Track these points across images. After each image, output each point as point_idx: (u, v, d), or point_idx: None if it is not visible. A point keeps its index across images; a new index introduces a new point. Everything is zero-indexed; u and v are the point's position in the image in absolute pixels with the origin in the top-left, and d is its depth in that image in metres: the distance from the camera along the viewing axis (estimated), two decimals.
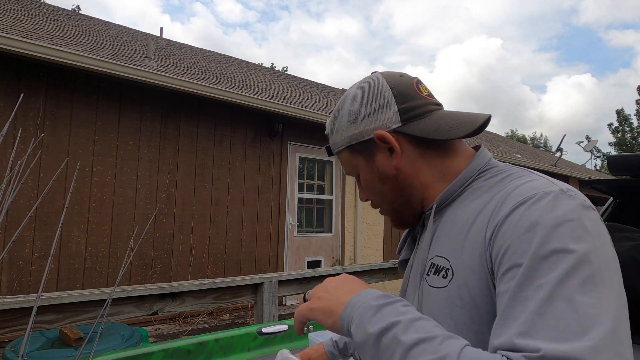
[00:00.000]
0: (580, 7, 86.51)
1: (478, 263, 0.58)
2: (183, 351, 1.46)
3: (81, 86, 4.46)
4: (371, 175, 0.75)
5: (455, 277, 0.61)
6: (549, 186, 0.57)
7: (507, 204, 0.57)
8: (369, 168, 0.74)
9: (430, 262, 0.68)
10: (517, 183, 0.61)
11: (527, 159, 11.38)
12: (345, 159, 0.78)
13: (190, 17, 75.31)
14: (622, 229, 1.75)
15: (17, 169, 0.86)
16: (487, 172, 0.69)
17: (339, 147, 0.77)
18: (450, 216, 0.68)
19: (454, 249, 0.63)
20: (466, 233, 0.62)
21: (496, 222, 0.57)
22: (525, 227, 0.52)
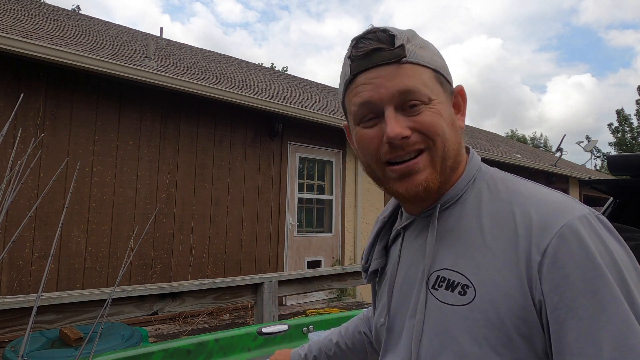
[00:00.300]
0: (580, 7, 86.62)
1: (515, 287, 0.54)
2: (183, 351, 1.46)
3: (81, 86, 4.46)
4: (447, 113, 0.63)
5: (480, 296, 0.56)
6: (571, 204, 0.57)
7: (544, 228, 0.54)
8: (447, 106, 0.65)
9: (436, 275, 0.62)
10: (531, 195, 0.60)
11: (527, 159, 11.38)
12: (424, 77, 0.62)
13: (190, 17, 75.37)
14: (622, 229, 1.75)
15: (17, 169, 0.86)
16: (481, 176, 0.67)
17: (424, 62, 0.62)
18: (453, 222, 0.63)
19: (473, 265, 0.58)
20: (484, 248, 0.58)
21: (543, 248, 0.53)
22: (588, 268, 0.51)
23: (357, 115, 0.64)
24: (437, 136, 0.61)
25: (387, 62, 0.61)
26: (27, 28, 4.83)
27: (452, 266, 0.61)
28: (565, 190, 12.46)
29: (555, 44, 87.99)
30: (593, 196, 13.74)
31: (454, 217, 0.64)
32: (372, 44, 0.62)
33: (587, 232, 0.53)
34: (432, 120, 0.61)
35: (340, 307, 5.89)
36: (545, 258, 0.53)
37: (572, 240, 0.52)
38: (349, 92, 0.65)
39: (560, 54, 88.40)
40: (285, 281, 2.95)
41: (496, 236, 0.58)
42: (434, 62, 0.64)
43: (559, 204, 0.57)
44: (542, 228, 0.54)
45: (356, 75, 0.63)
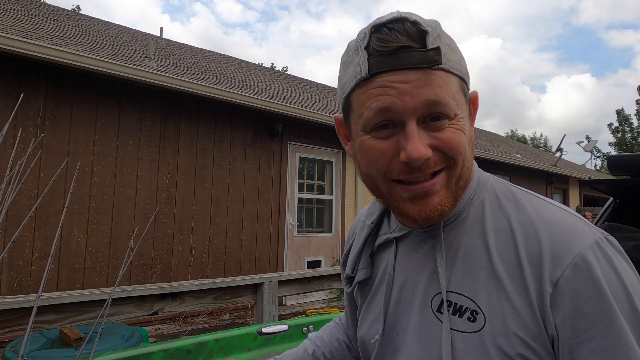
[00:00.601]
0: (580, 7, 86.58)
1: (527, 315, 0.52)
2: (183, 351, 1.46)
3: (81, 86, 4.46)
4: (467, 129, 0.57)
5: (490, 323, 0.53)
6: (584, 228, 0.54)
7: (556, 257, 0.52)
8: (467, 120, 0.58)
9: (441, 298, 0.58)
10: (541, 216, 0.56)
11: (527, 159, 11.37)
12: (453, 87, 0.55)
13: (190, 17, 75.39)
14: (622, 229, 1.75)
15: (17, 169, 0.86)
16: (481, 188, 0.62)
17: (454, 70, 0.55)
18: (455, 241, 0.60)
19: (480, 288, 0.55)
20: (490, 271, 0.55)
21: (555, 279, 0.51)
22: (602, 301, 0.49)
23: (369, 122, 0.55)
24: (459, 156, 0.55)
25: (417, 66, 0.52)
26: (27, 28, 4.83)
27: (458, 289, 0.57)
28: (565, 191, 12.46)
29: (555, 44, 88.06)
30: (593, 196, 13.74)
31: (455, 234, 0.60)
32: (401, 40, 0.52)
33: (600, 262, 0.51)
34: (455, 140, 0.54)
35: (340, 307, 5.89)
36: (558, 289, 0.51)
37: (585, 271, 0.50)
38: (361, 91, 0.56)
39: (561, 54, 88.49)
40: (285, 281, 2.95)
41: (503, 259, 0.55)
42: (461, 68, 0.57)
43: (570, 229, 0.54)
44: (554, 257, 0.52)
45: (376, 74, 0.54)
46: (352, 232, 0.82)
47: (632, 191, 2.24)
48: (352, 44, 0.58)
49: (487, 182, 0.63)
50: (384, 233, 0.70)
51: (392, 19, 0.54)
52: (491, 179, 0.64)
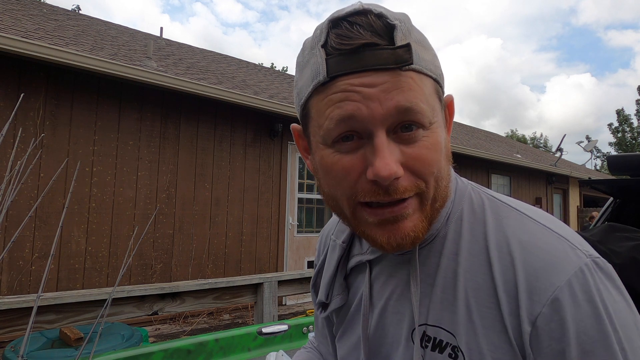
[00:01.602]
0: (579, 7, 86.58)
1: (507, 353, 0.46)
2: (183, 351, 1.46)
3: (81, 86, 4.46)
4: (442, 138, 0.49)
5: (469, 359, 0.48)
6: (567, 253, 0.47)
7: (532, 294, 0.45)
8: (442, 128, 0.50)
9: (420, 330, 0.52)
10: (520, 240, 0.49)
11: (527, 159, 11.37)
12: (427, 90, 0.47)
13: (189, 17, 75.37)
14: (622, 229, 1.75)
15: (17, 169, 0.86)
16: (461, 201, 0.55)
17: (427, 70, 0.47)
18: (430, 264, 0.53)
19: (461, 322, 0.49)
20: (468, 301, 0.49)
21: (534, 317, 0.45)
22: (583, 341, 0.44)
23: (330, 133, 0.47)
24: (431, 176, 0.47)
25: (385, 67, 0.44)
26: (27, 28, 4.83)
27: (437, 322, 0.51)
28: (565, 191, 12.46)
29: (555, 44, 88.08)
30: (593, 196, 13.75)
31: (433, 257, 0.53)
32: (364, 36, 0.44)
33: (584, 296, 0.44)
34: (428, 156, 0.47)
35: None
36: (537, 329, 0.44)
37: (566, 308, 0.44)
38: (320, 98, 0.47)
39: (560, 54, 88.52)
40: (285, 281, 2.95)
41: (479, 288, 0.48)
42: (435, 69, 0.49)
43: (549, 256, 0.47)
44: (530, 292, 0.45)
45: (336, 77, 0.45)
46: (320, 247, 0.74)
47: (632, 191, 2.24)
48: (308, 42, 0.49)
49: (465, 193, 0.56)
50: (357, 254, 0.62)
51: (353, 11, 0.45)
52: (469, 188, 0.57)
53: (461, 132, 12.31)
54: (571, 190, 12.62)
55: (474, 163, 9.16)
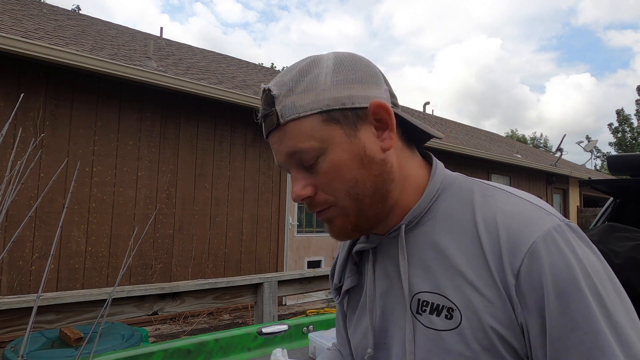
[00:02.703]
0: (579, 7, 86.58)
1: (500, 307, 0.52)
2: (183, 351, 1.46)
3: (81, 86, 4.46)
4: (349, 154, 0.57)
5: (467, 318, 0.54)
6: (541, 216, 0.55)
7: (512, 251, 0.52)
8: (349, 145, 0.57)
9: (417, 298, 0.59)
10: (500, 208, 0.57)
11: (527, 159, 11.37)
12: (307, 130, 0.57)
13: (189, 17, 75.40)
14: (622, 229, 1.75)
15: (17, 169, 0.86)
16: (449, 186, 0.63)
17: (305, 112, 0.57)
18: (423, 241, 0.60)
19: (454, 285, 0.56)
20: (461, 267, 0.56)
21: (516, 270, 0.52)
22: (560, 287, 0.50)
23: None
24: (337, 191, 0.58)
25: (273, 128, 0.59)
26: (27, 28, 4.83)
27: (433, 288, 0.58)
28: (565, 191, 12.47)
29: (555, 44, 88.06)
30: (593, 196, 13.75)
31: (425, 234, 0.61)
32: (265, 109, 0.61)
33: (557, 247, 0.51)
34: (328, 178, 0.58)
35: None
36: (520, 279, 0.51)
37: (543, 258, 0.51)
38: None
39: (560, 54, 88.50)
40: (285, 281, 2.95)
41: (469, 254, 0.56)
42: (318, 103, 0.56)
43: (526, 219, 0.54)
44: (511, 247, 0.53)
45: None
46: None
47: (632, 191, 2.24)
48: None
49: (454, 181, 0.63)
50: (361, 242, 0.70)
51: (262, 90, 0.62)
52: (459, 178, 0.64)
53: (461, 132, 12.31)
54: (571, 190, 12.62)
55: (474, 163, 9.16)
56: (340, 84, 0.57)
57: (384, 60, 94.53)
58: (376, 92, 0.59)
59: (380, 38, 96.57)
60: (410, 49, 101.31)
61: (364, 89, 0.58)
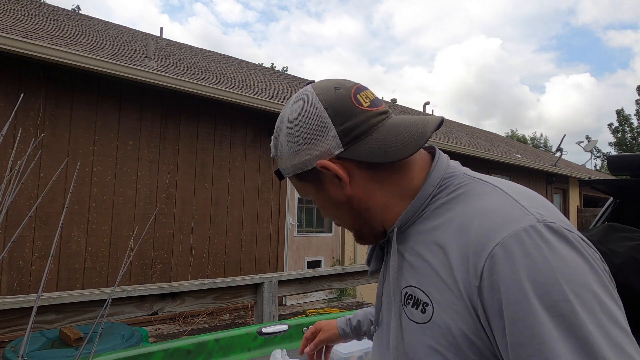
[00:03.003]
0: (578, 7, 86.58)
1: (465, 309, 0.54)
2: (183, 351, 1.46)
3: (81, 86, 4.46)
4: (324, 201, 0.70)
5: (437, 314, 0.57)
6: (517, 215, 0.54)
7: (481, 248, 0.52)
8: (320, 194, 0.70)
9: (404, 292, 0.63)
10: (480, 208, 0.57)
11: (527, 159, 11.37)
12: (296, 185, 0.73)
13: (189, 17, 75.40)
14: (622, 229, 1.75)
15: (17, 169, 0.86)
16: (447, 185, 0.65)
17: (287, 174, 0.72)
18: (416, 240, 0.64)
19: (431, 283, 0.59)
20: (440, 266, 0.58)
21: (480, 271, 0.52)
22: (514, 293, 0.49)
23: None
24: (332, 218, 0.74)
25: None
26: (27, 28, 4.83)
27: (417, 283, 0.61)
28: (565, 191, 12.47)
29: (555, 44, 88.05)
30: (593, 196, 13.75)
31: (417, 232, 0.64)
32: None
33: (522, 250, 0.50)
34: (323, 214, 0.75)
35: (340, 307, 5.89)
36: (483, 281, 0.51)
37: (503, 261, 0.50)
38: None
39: (560, 54, 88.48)
40: (285, 281, 2.95)
41: (446, 253, 0.58)
42: (287, 170, 0.71)
43: (499, 218, 0.54)
44: (477, 249, 0.53)
45: None
46: None
47: (632, 191, 2.24)
48: None
49: (454, 180, 0.65)
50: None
51: None
52: (459, 176, 0.66)
53: (461, 132, 12.31)
54: (571, 190, 12.62)
55: (474, 163, 9.16)
56: (292, 152, 0.68)
57: (384, 60, 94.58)
58: (322, 146, 0.64)
59: (380, 38, 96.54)
60: (410, 49, 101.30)
61: (311, 149, 0.65)
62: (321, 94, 0.65)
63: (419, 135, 0.63)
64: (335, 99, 0.64)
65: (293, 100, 0.69)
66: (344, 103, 0.64)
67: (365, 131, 0.64)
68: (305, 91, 0.68)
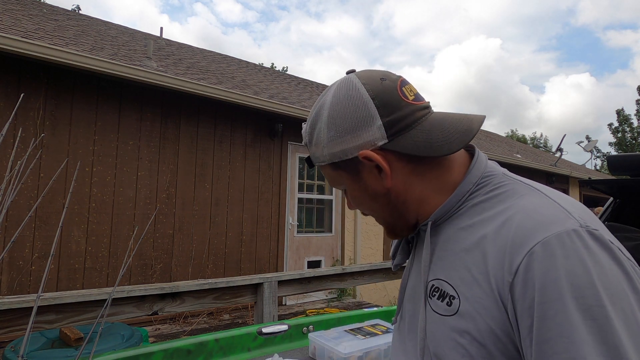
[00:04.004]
0: (578, 7, 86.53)
1: (494, 304, 0.54)
2: (183, 351, 1.46)
3: (81, 86, 4.46)
4: (359, 192, 0.69)
5: (463, 308, 0.57)
6: (561, 218, 0.53)
7: (520, 245, 0.53)
8: (357, 185, 0.68)
9: (431, 284, 0.64)
10: (523, 206, 0.57)
11: (527, 159, 11.38)
12: (328, 174, 0.71)
13: (189, 17, 75.38)
14: (622, 229, 1.75)
15: (17, 169, 0.86)
16: (485, 184, 0.65)
17: (321, 162, 0.69)
18: (449, 235, 0.64)
19: (460, 277, 0.59)
20: (473, 261, 0.58)
21: (515, 268, 0.52)
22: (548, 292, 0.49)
23: None
24: (365, 210, 0.73)
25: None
26: (27, 28, 4.83)
27: (445, 277, 0.62)
28: (565, 191, 12.46)
29: (555, 45, 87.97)
30: (593, 196, 13.75)
31: (450, 228, 0.65)
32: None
33: (563, 251, 0.50)
34: (356, 206, 0.73)
35: (340, 307, 5.89)
36: (517, 278, 0.52)
37: (542, 259, 0.50)
38: None
39: (560, 54, 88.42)
40: (285, 281, 2.95)
41: (484, 252, 0.58)
42: (324, 157, 0.68)
43: (543, 218, 0.54)
44: (515, 245, 0.53)
45: None
46: None
47: (632, 191, 2.24)
48: None
49: (493, 178, 0.66)
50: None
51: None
52: (499, 176, 0.67)
53: None
54: (571, 190, 12.62)
55: None
56: (333, 140, 0.66)
57: (384, 60, 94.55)
58: (366, 137, 0.64)
59: (380, 38, 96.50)
60: (410, 49, 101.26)
61: (354, 139, 0.65)
62: (367, 83, 0.65)
63: (465, 131, 0.64)
64: (382, 90, 0.64)
65: (335, 88, 0.67)
66: (391, 95, 0.64)
67: (410, 124, 0.64)
68: (350, 80, 0.67)
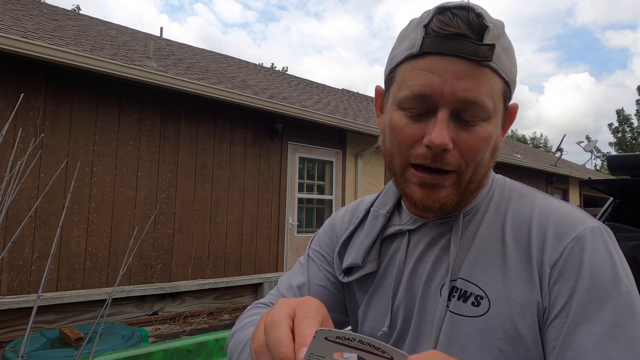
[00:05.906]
0: (577, 8, 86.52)
1: (531, 299, 0.54)
2: (183, 351, 1.46)
3: (81, 86, 4.46)
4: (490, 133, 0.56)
5: (495, 308, 0.55)
6: (584, 216, 0.58)
7: (558, 237, 0.55)
8: (495, 125, 0.56)
9: (451, 285, 0.59)
10: (550, 204, 0.60)
11: (527, 159, 11.37)
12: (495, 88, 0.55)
13: (188, 17, 75.39)
14: (622, 229, 1.75)
15: (17, 169, 0.86)
16: (499, 185, 0.65)
17: (502, 72, 0.54)
18: (471, 232, 0.61)
19: (487, 275, 0.57)
20: (501, 258, 0.57)
21: (554, 260, 0.54)
22: (596, 279, 0.52)
23: (405, 101, 0.55)
24: (473, 162, 0.56)
25: (467, 57, 0.52)
26: (27, 28, 4.83)
27: (466, 276, 0.58)
28: (565, 191, 12.47)
29: (555, 45, 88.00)
30: (593, 196, 13.74)
31: (473, 225, 0.61)
32: (460, 27, 0.52)
33: (597, 245, 0.54)
34: (477, 145, 0.55)
35: None
36: (556, 269, 0.53)
37: (589, 244, 0.53)
38: (408, 67, 0.56)
39: (560, 55, 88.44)
40: None
41: (515, 247, 0.57)
42: (510, 74, 0.56)
43: (575, 217, 0.57)
44: (556, 240, 0.55)
45: (426, 53, 0.54)
46: (352, 218, 0.78)
47: (632, 191, 2.24)
48: (414, 21, 0.58)
49: (504, 181, 0.66)
50: (395, 224, 0.69)
51: (458, 5, 0.54)
52: (507, 179, 0.68)
53: None
54: (571, 190, 12.62)
55: None
56: (513, 66, 0.58)
57: (384, 60, 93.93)
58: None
59: (380, 38, 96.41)
60: None
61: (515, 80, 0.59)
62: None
63: None
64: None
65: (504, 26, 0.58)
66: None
67: None
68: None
